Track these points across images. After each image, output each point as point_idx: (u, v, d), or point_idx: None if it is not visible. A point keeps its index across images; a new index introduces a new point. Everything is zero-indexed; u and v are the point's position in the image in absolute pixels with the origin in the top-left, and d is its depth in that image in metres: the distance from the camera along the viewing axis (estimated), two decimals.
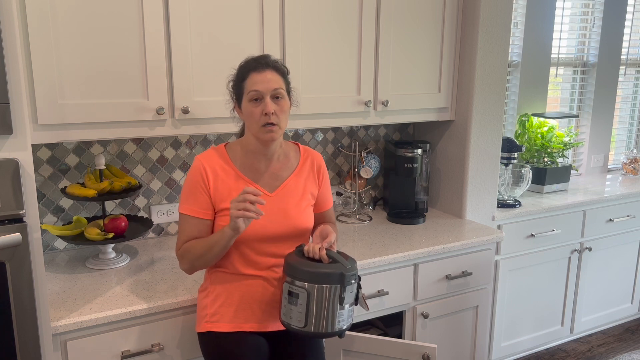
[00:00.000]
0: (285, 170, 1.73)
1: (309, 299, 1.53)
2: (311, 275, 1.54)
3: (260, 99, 1.60)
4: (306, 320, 1.55)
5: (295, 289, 1.55)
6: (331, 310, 1.55)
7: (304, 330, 1.56)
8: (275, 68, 1.63)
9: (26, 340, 1.54)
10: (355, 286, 1.60)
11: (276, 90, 1.61)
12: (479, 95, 2.61)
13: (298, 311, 1.55)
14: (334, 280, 1.54)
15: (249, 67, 1.63)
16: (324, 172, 1.82)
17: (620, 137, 4.13)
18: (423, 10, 2.46)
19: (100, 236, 2.01)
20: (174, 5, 1.93)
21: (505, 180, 3.00)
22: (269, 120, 1.59)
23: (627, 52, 3.82)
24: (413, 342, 2.00)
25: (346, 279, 1.54)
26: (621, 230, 3.34)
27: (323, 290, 1.53)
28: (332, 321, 1.55)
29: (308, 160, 1.79)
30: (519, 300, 3.01)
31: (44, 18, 1.75)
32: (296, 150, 1.80)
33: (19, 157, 1.48)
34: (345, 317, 1.59)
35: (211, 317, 1.69)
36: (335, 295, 1.54)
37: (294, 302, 1.55)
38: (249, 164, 1.69)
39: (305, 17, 2.19)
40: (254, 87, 1.59)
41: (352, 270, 1.57)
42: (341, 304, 1.55)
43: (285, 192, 1.71)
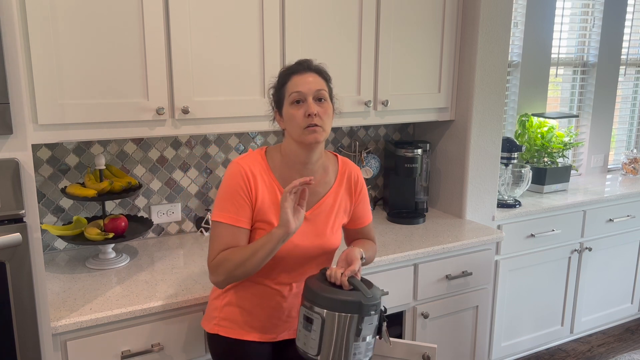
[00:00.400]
0: (322, 186, 1.63)
1: (323, 326, 1.44)
2: (327, 301, 1.44)
3: (302, 101, 1.51)
4: (319, 348, 1.45)
5: (311, 314, 1.46)
6: (346, 342, 1.44)
7: (316, 358, 1.47)
8: (317, 71, 1.56)
9: (26, 340, 1.54)
10: (376, 318, 1.48)
11: (319, 91, 1.52)
12: (479, 95, 2.61)
13: (312, 338, 1.46)
14: (350, 309, 1.43)
15: (290, 71, 1.56)
16: (362, 187, 1.72)
17: (620, 137, 4.13)
18: (423, 10, 2.46)
19: (100, 236, 2.01)
20: (173, 4, 1.93)
21: (505, 180, 3.00)
22: (312, 121, 1.49)
23: (627, 52, 3.82)
24: (413, 342, 2.00)
25: (364, 309, 1.43)
26: (621, 230, 3.34)
27: (338, 318, 1.43)
28: (346, 353, 1.45)
29: (346, 174, 1.68)
30: (519, 300, 3.01)
31: (44, 18, 1.75)
32: (335, 162, 1.69)
33: (19, 157, 1.48)
34: (363, 350, 1.47)
35: (220, 321, 1.65)
36: (352, 326, 1.44)
37: (309, 327, 1.47)
38: (288, 175, 1.58)
39: (305, 17, 2.19)
40: (295, 89, 1.51)
41: (372, 300, 1.45)
42: (358, 336, 1.44)
43: (320, 212, 1.62)
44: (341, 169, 1.68)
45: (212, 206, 2.52)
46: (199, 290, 1.86)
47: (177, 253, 2.24)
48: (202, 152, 2.47)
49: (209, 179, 2.51)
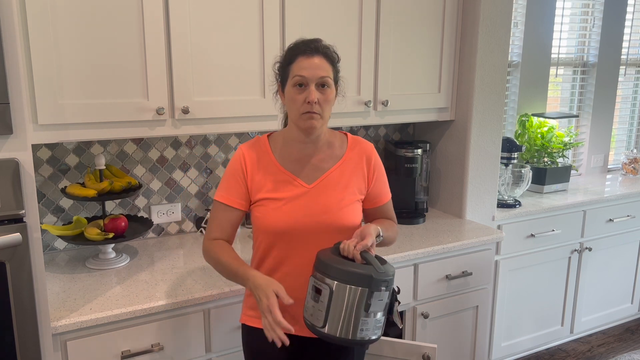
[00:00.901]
0: (327, 161, 1.62)
1: (330, 297, 1.41)
2: (337, 272, 1.41)
3: (304, 85, 1.50)
4: (325, 319, 1.42)
5: (320, 284, 1.43)
6: (354, 315, 1.41)
7: (322, 330, 1.44)
8: (325, 54, 1.53)
9: (26, 340, 1.54)
10: (387, 295, 1.44)
11: (323, 78, 1.50)
12: (479, 95, 2.61)
13: (319, 309, 1.43)
14: (360, 282, 1.40)
15: (297, 50, 1.53)
16: (376, 164, 1.67)
17: (620, 137, 4.13)
18: (423, 10, 2.46)
19: (100, 236, 2.01)
20: (173, 5, 1.93)
21: (505, 180, 3.00)
22: (311, 108, 1.50)
23: (627, 52, 3.82)
24: (413, 342, 2.00)
25: (374, 283, 1.40)
26: (621, 230, 3.34)
27: (347, 290, 1.40)
28: (353, 327, 1.42)
29: (356, 151, 1.65)
30: (519, 300, 3.01)
31: (44, 18, 1.75)
32: (343, 140, 1.67)
33: (19, 157, 1.48)
34: (371, 327, 1.44)
35: (247, 311, 1.67)
36: (361, 300, 1.40)
37: (316, 298, 1.44)
38: (289, 153, 1.60)
39: (305, 17, 2.19)
40: (299, 72, 1.50)
41: (384, 275, 1.42)
42: (366, 311, 1.41)
43: (326, 185, 1.59)
44: (350, 146, 1.66)
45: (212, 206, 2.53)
46: (199, 290, 1.86)
47: (177, 253, 2.24)
48: (202, 152, 2.47)
49: (209, 179, 2.51)
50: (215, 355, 1.92)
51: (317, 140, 1.60)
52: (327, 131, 1.64)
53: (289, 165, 1.61)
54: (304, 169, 1.60)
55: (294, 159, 1.61)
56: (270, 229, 1.58)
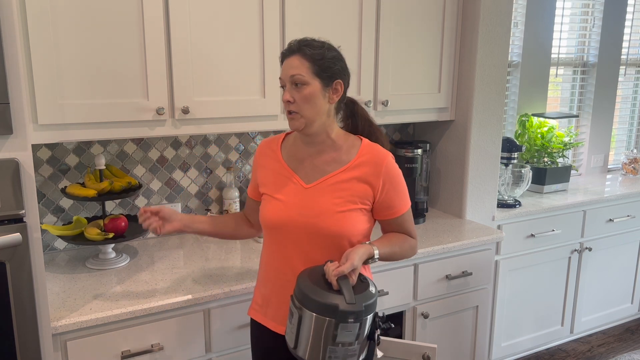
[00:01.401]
0: (331, 164, 1.57)
1: (299, 321, 1.39)
2: (305, 299, 1.38)
3: (284, 87, 1.53)
4: (296, 342, 1.42)
5: (292, 307, 1.43)
6: (321, 343, 1.38)
7: (294, 351, 1.44)
8: (301, 52, 1.49)
9: (26, 340, 1.54)
10: (356, 327, 1.37)
11: (293, 77, 1.48)
12: (479, 95, 2.61)
13: (291, 330, 1.43)
14: (325, 312, 1.35)
15: (282, 54, 1.56)
16: (388, 174, 1.56)
17: (620, 137, 4.13)
18: (423, 10, 2.46)
19: (100, 236, 2.01)
20: (173, 5, 1.93)
21: (505, 180, 3.00)
22: (288, 107, 1.51)
23: (627, 52, 3.82)
24: (413, 342, 2.00)
25: (339, 314, 1.34)
26: (621, 230, 3.34)
27: (312, 318, 1.37)
28: (322, 354, 1.39)
29: (366, 157, 1.56)
30: (519, 300, 3.01)
31: (44, 18, 1.75)
32: (355, 144, 1.59)
33: (19, 157, 1.48)
34: (341, 355, 1.39)
35: (253, 304, 1.72)
36: (327, 329, 1.36)
37: (290, 319, 1.44)
38: (294, 151, 1.63)
39: (305, 17, 2.19)
40: (280, 76, 1.54)
41: (351, 307, 1.35)
42: (333, 340, 1.37)
43: (324, 187, 1.55)
44: (361, 152, 1.57)
45: (212, 206, 2.53)
46: (199, 290, 1.86)
47: (177, 253, 2.24)
48: (202, 152, 2.47)
49: (209, 179, 2.51)
50: (215, 355, 1.92)
51: (319, 141, 1.57)
52: (336, 132, 1.59)
53: (291, 163, 1.62)
54: (304, 169, 1.59)
55: (297, 157, 1.62)
56: (265, 222, 1.62)
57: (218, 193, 2.54)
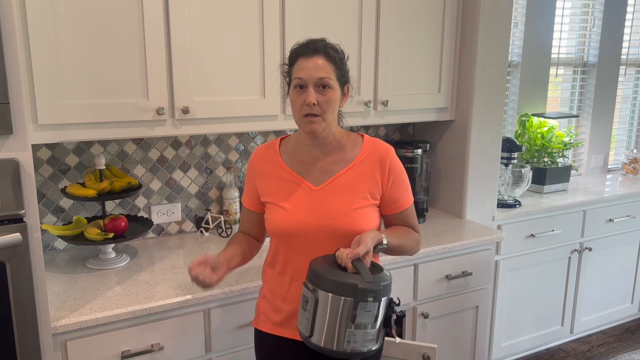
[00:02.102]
0: (337, 164, 1.56)
1: (315, 306, 1.36)
2: (322, 280, 1.35)
3: (304, 87, 1.46)
4: (312, 329, 1.38)
5: (307, 292, 1.39)
6: (338, 326, 1.35)
7: (310, 340, 1.40)
8: (326, 54, 1.47)
9: (26, 340, 1.54)
10: (376, 306, 1.35)
11: (322, 79, 1.45)
12: (479, 95, 2.61)
13: (306, 317, 1.39)
14: (344, 292, 1.33)
15: (298, 52, 1.49)
16: (393, 168, 1.57)
17: (620, 137, 4.13)
18: (423, 10, 2.46)
19: (100, 236, 2.01)
20: (173, 5, 1.93)
21: (505, 180, 3.00)
22: (310, 110, 1.45)
23: (627, 52, 3.82)
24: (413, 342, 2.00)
25: (359, 292, 1.32)
26: (621, 230, 3.34)
27: (329, 299, 1.34)
28: (338, 338, 1.36)
29: (370, 153, 1.57)
30: (519, 300, 3.00)
31: (44, 18, 1.75)
32: (357, 141, 1.60)
33: (19, 157, 1.48)
34: (360, 339, 1.37)
35: (259, 315, 1.67)
36: (345, 310, 1.34)
37: (304, 306, 1.40)
38: (297, 155, 1.58)
39: (305, 17, 2.19)
40: (299, 74, 1.46)
41: (371, 285, 1.34)
42: (353, 322, 1.34)
43: (333, 188, 1.54)
44: (365, 148, 1.58)
45: (212, 206, 2.53)
46: (199, 290, 1.86)
47: (177, 253, 2.24)
48: (202, 152, 2.47)
49: (209, 179, 2.51)
50: (215, 355, 1.92)
51: (326, 143, 1.56)
52: (339, 132, 1.59)
53: (296, 167, 1.58)
54: (311, 171, 1.56)
55: (302, 161, 1.58)
56: (276, 230, 1.56)
57: (218, 193, 2.54)
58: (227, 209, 2.49)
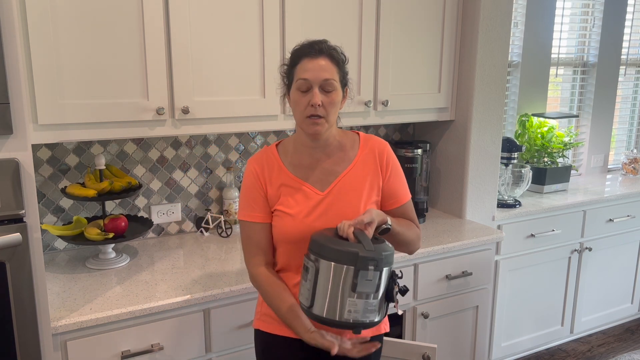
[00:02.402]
0: (340, 164, 1.57)
1: (316, 275, 1.35)
2: (323, 249, 1.35)
3: (309, 88, 1.46)
4: (312, 299, 1.37)
5: (307, 262, 1.38)
6: (339, 295, 1.34)
7: (311, 311, 1.38)
8: (330, 55, 1.47)
9: (26, 340, 1.54)
10: (377, 275, 1.34)
11: (327, 80, 1.45)
12: (479, 95, 2.61)
13: (307, 288, 1.38)
14: (345, 260, 1.32)
15: (301, 52, 1.48)
16: (389, 160, 1.60)
17: (620, 137, 4.13)
18: (423, 10, 2.46)
19: (100, 236, 2.01)
20: (173, 5, 1.93)
21: (505, 180, 3.00)
22: (314, 112, 1.45)
23: (627, 52, 3.82)
24: (413, 342, 2.00)
25: (360, 260, 1.32)
26: (621, 230, 3.34)
27: (331, 267, 1.33)
28: (340, 308, 1.34)
29: (368, 149, 1.59)
30: (519, 300, 3.00)
31: (44, 18, 1.75)
32: (355, 139, 1.61)
33: (19, 157, 1.48)
34: (361, 309, 1.35)
35: (261, 316, 1.64)
36: (346, 279, 1.33)
37: (305, 276, 1.39)
38: (299, 160, 1.56)
39: (305, 17, 2.19)
40: (303, 75, 1.45)
41: (372, 253, 1.33)
42: (353, 291, 1.33)
43: (340, 189, 1.54)
44: (362, 144, 1.60)
45: (212, 206, 2.53)
46: (199, 290, 1.86)
47: (177, 253, 2.24)
48: (202, 152, 2.47)
49: (209, 179, 2.51)
50: (215, 355, 1.92)
51: (327, 144, 1.56)
52: (337, 132, 1.59)
53: (300, 173, 1.56)
54: (316, 175, 1.56)
55: (304, 165, 1.56)
56: (288, 238, 1.54)
57: (218, 193, 2.54)
58: (227, 209, 2.49)
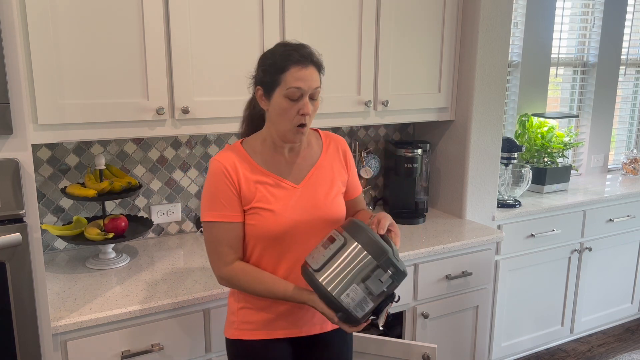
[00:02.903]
0: (309, 160, 1.63)
1: (340, 248, 1.42)
2: (360, 231, 1.42)
3: (299, 97, 1.47)
4: (323, 265, 1.42)
5: (338, 235, 1.44)
6: (348, 276, 1.40)
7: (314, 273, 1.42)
8: (317, 65, 1.51)
9: (26, 340, 1.54)
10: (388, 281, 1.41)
11: (316, 89, 1.49)
12: (479, 95, 2.61)
13: (323, 254, 1.43)
14: (373, 251, 1.40)
15: (291, 59, 1.46)
16: (349, 156, 1.71)
17: (620, 137, 4.13)
18: (423, 10, 2.46)
19: (100, 236, 2.01)
20: (173, 4, 1.94)
21: (505, 180, 3.00)
22: (303, 120, 1.48)
23: (627, 52, 3.82)
24: (413, 342, 2.01)
25: (385, 260, 1.40)
26: (621, 230, 3.34)
27: (355, 249, 1.41)
28: (341, 286, 1.40)
29: (331, 145, 1.68)
30: (519, 300, 3.01)
31: (44, 18, 1.75)
32: (317, 136, 1.69)
33: (19, 157, 1.48)
34: (358, 299, 1.41)
35: (240, 325, 1.61)
36: (364, 267, 1.40)
37: (326, 245, 1.45)
38: (271, 157, 1.58)
39: (305, 17, 2.19)
40: (296, 84, 1.45)
41: (397, 263, 1.42)
42: (363, 281, 1.40)
43: (313, 182, 1.60)
44: (325, 142, 1.68)
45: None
46: (199, 290, 1.86)
47: (177, 253, 2.24)
48: (202, 152, 2.47)
49: None
50: (215, 355, 1.92)
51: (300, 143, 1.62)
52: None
53: (274, 169, 1.58)
54: (289, 170, 1.59)
55: (278, 162, 1.59)
56: (268, 234, 1.54)
57: None
58: None
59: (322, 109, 2.29)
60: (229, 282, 1.56)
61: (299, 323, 1.62)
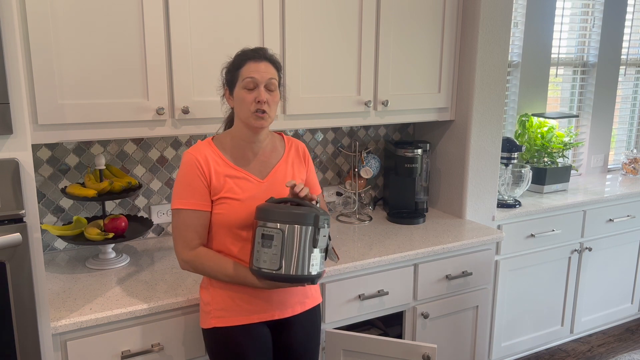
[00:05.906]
0: (273, 158, 1.78)
1: (283, 239, 1.53)
2: (286, 215, 1.54)
3: (255, 87, 1.63)
4: (280, 262, 1.54)
5: (270, 230, 1.54)
6: (304, 252, 1.55)
7: (277, 273, 1.54)
8: (271, 61, 1.68)
9: (26, 340, 1.54)
10: (328, 231, 1.60)
11: (270, 80, 1.65)
12: (479, 95, 2.61)
13: (272, 253, 1.54)
14: (308, 221, 1.55)
15: (246, 56, 1.66)
16: (309, 158, 1.88)
17: (620, 137, 4.13)
18: (423, 10, 2.46)
19: (100, 236, 2.01)
20: (173, 4, 1.94)
21: (505, 180, 3.00)
22: (260, 107, 1.63)
23: (627, 52, 3.82)
24: (413, 342, 2.01)
25: (320, 220, 1.56)
26: (621, 230, 3.34)
27: (297, 230, 1.54)
28: (305, 263, 1.55)
29: (293, 147, 1.84)
30: (519, 300, 3.01)
31: (44, 18, 1.75)
32: (281, 139, 1.85)
33: (19, 157, 1.48)
34: (318, 262, 1.58)
35: (215, 312, 1.68)
36: (308, 237, 1.55)
37: (268, 244, 1.55)
38: (239, 153, 1.72)
39: (305, 17, 2.19)
40: (250, 75, 1.63)
41: (325, 213, 1.59)
42: (314, 247, 1.56)
43: (276, 178, 1.75)
44: (287, 144, 1.84)
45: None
46: (198, 290, 1.86)
47: None
48: None
49: None
50: None
51: (263, 140, 1.74)
52: (268, 132, 1.79)
53: (241, 163, 1.72)
54: (255, 166, 1.73)
55: (245, 157, 1.72)
56: (234, 222, 1.66)
57: None
58: None
59: (322, 109, 2.30)
60: (192, 265, 1.67)
61: (271, 307, 1.71)
